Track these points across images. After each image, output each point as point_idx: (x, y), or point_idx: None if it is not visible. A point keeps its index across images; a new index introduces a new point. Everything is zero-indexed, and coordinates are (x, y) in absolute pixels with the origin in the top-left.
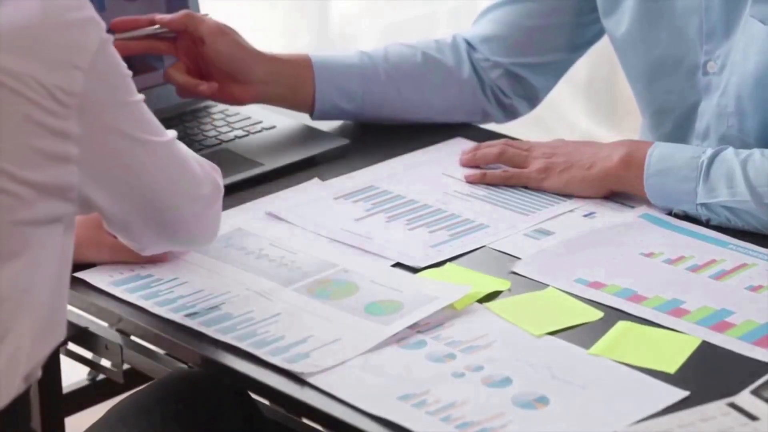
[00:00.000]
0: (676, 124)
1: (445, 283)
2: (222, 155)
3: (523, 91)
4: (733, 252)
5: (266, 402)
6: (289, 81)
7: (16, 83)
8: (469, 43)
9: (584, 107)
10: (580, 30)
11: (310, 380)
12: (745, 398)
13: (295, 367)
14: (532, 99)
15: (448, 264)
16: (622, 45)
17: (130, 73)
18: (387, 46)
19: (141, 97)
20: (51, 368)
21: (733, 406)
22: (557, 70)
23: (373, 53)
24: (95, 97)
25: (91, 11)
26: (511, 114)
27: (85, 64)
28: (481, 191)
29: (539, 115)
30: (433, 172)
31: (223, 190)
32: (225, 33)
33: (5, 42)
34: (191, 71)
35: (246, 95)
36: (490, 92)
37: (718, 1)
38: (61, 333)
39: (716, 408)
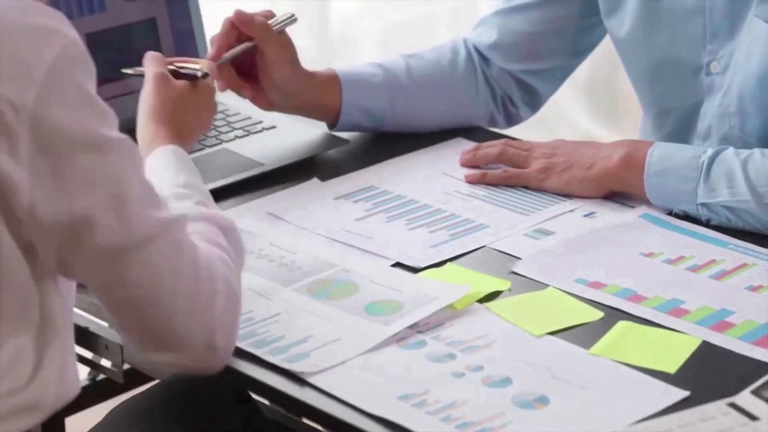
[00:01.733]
0: (678, 124)
1: (445, 283)
2: (222, 155)
3: (528, 97)
4: (733, 252)
5: (266, 402)
6: (319, 102)
7: None
8: (480, 54)
9: (584, 107)
10: (585, 33)
11: (310, 380)
12: (745, 398)
13: (295, 367)
14: (536, 104)
15: (448, 264)
16: (624, 45)
17: (109, 111)
18: (407, 58)
19: (122, 137)
20: None
21: (733, 406)
22: (562, 75)
23: (395, 69)
24: (50, 121)
25: (51, 20)
26: (514, 121)
27: (39, 77)
28: (481, 191)
29: (540, 115)
30: (433, 172)
31: (234, 288)
32: (285, 62)
33: None
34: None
35: (277, 108)
36: (500, 102)
37: (723, 1)
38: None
39: (716, 408)
